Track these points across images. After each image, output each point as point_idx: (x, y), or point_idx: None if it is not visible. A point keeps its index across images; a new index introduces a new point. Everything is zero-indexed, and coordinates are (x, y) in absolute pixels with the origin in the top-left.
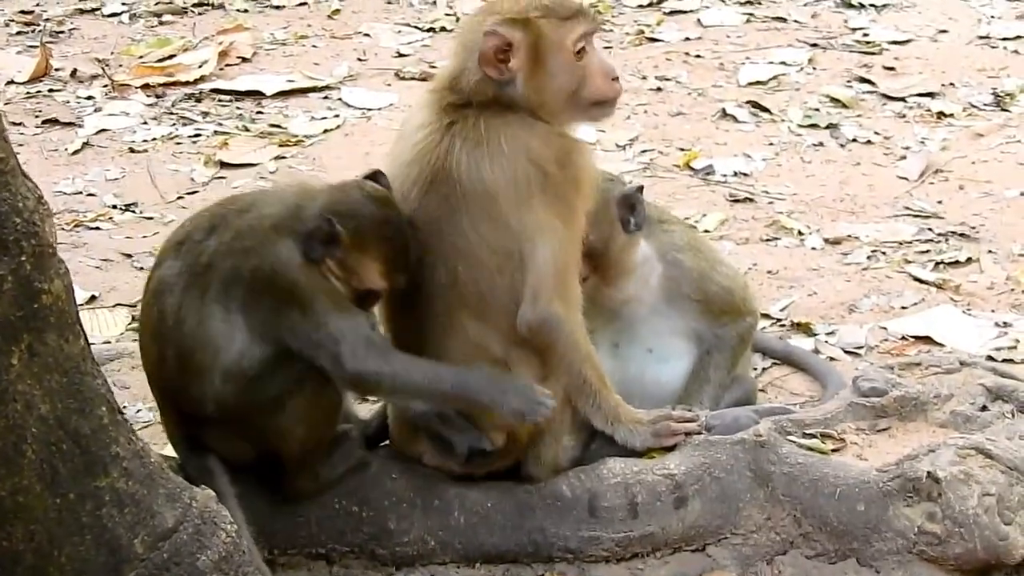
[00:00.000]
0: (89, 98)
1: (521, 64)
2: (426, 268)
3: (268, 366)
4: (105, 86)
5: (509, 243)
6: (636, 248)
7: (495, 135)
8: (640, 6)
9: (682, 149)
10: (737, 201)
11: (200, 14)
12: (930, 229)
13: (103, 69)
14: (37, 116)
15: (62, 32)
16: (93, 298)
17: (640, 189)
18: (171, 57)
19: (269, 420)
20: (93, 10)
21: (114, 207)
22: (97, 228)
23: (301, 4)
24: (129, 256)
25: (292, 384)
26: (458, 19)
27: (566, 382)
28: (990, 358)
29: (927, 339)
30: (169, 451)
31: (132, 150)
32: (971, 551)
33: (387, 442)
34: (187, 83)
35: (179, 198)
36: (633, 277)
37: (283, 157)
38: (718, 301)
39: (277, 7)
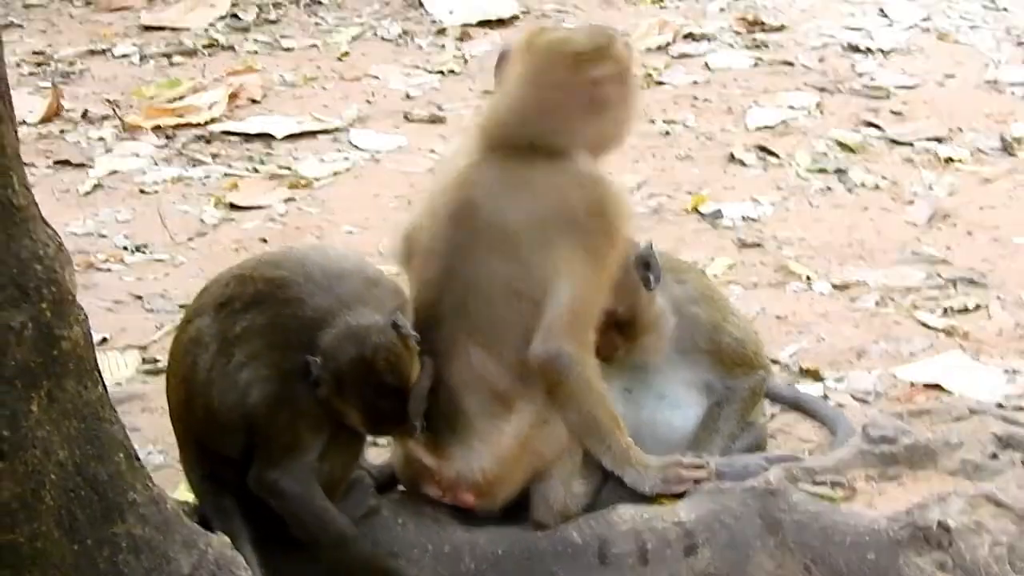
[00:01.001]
0: (100, 139)
1: (617, 105)
2: (442, 291)
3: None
4: (116, 127)
5: (523, 280)
6: (654, 304)
7: (529, 176)
8: (648, 49)
9: (690, 193)
10: (745, 246)
11: (210, 56)
12: (939, 275)
13: (114, 110)
14: (48, 157)
15: (73, 73)
16: (104, 340)
17: (650, 245)
18: (181, 98)
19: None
20: (104, 51)
21: (125, 248)
22: (108, 270)
23: (311, 46)
24: (140, 298)
25: None
26: (466, 61)
27: (576, 421)
28: (1000, 405)
29: (936, 386)
30: (181, 494)
31: (143, 191)
32: None
33: (399, 487)
34: (197, 124)
35: (189, 239)
36: (652, 333)
37: (293, 199)
38: (730, 353)
39: (287, 49)
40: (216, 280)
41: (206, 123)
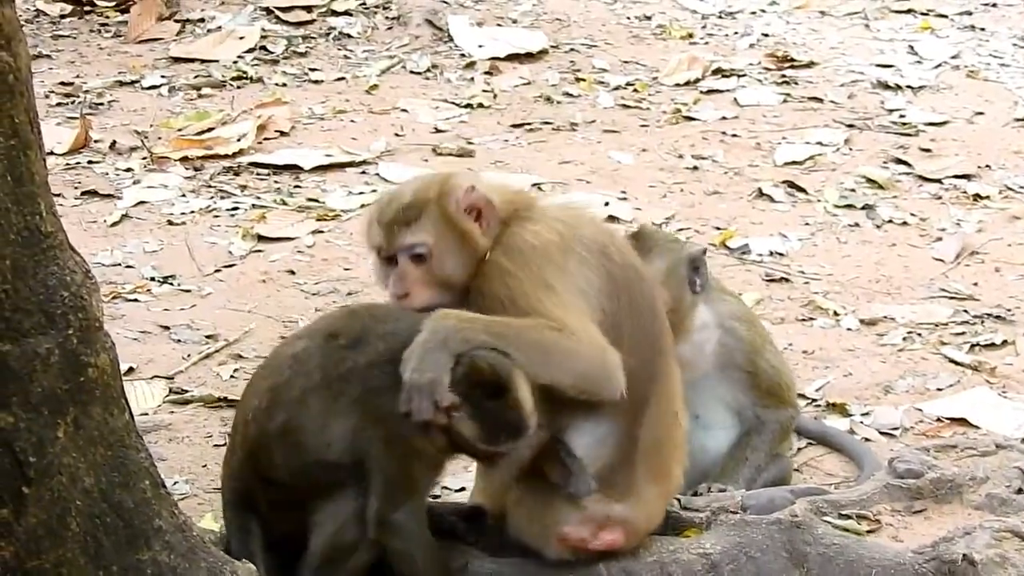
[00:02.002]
0: (128, 170)
1: None
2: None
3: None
4: (144, 158)
5: None
6: (696, 311)
7: None
8: (677, 85)
9: (718, 228)
10: (773, 281)
11: (239, 88)
12: (966, 311)
13: (142, 141)
14: (76, 188)
15: (101, 104)
16: (131, 370)
17: (704, 252)
18: (210, 130)
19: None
20: (132, 82)
21: (152, 279)
22: (135, 300)
23: (339, 79)
24: (167, 328)
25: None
26: (495, 95)
27: None
28: None
29: (962, 421)
30: (207, 523)
31: (170, 222)
32: None
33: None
34: (225, 156)
35: (216, 271)
36: (690, 340)
37: (320, 231)
38: (766, 379)
39: (315, 82)
40: (331, 312)
41: (234, 155)
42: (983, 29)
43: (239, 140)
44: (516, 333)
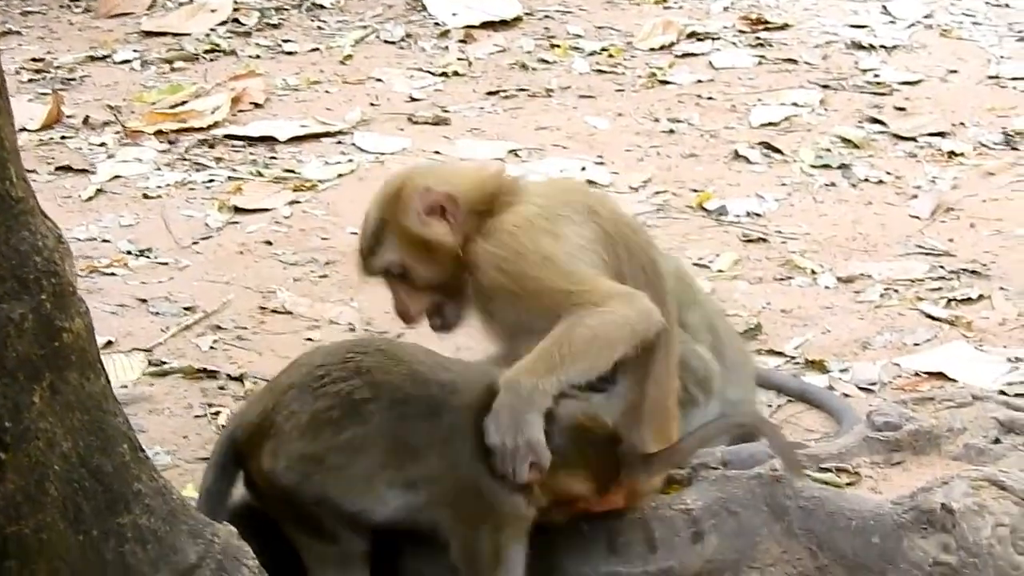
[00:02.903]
0: (102, 145)
1: None
2: None
3: None
4: (118, 133)
5: None
6: None
7: None
8: (652, 49)
9: (695, 190)
10: (750, 241)
11: (212, 60)
12: (942, 267)
13: (115, 116)
14: (50, 163)
15: (73, 79)
16: (109, 343)
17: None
18: (183, 103)
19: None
20: (104, 57)
21: (129, 253)
22: (112, 274)
23: (313, 50)
24: (144, 301)
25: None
26: (470, 63)
27: None
28: (1002, 393)
29: (940, 375)
30: (188, 493)
31: (146, 196)
32: None
33: None
34: (200, 129)
35: (193, 243)
36: None
37: (297, 202)
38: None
39: (289, 53)
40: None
41: (209, 128)
42: None
43: (213, 113)
44: (568, 350)
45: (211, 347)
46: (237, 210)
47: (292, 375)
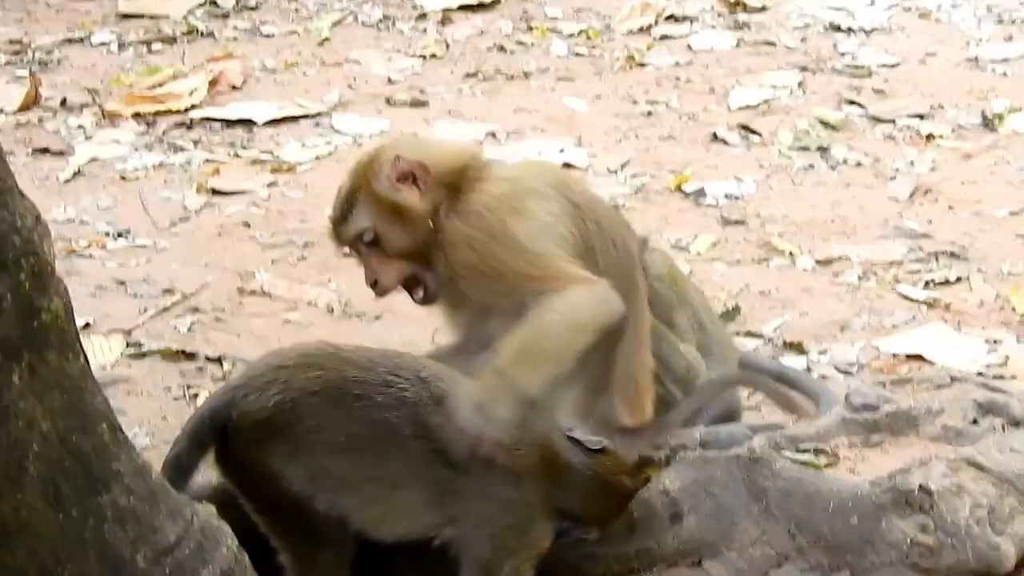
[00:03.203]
0: (79, 127)
1: None
2: None
3: None
4: (95, 115)
5: None
6: None
7: None
8: (630, 31)
9: (673, 172)
10: (728, 223)
11: (189, 42)
12: (920, 249)
13: (93, 98)
14: (27, 145)
15: (51, 61)
16: (87, 325)
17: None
18: (161, 85)
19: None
20: (81, 39)
21: (107, 234)
22: (90, 256)
23: (291, 32)
24: (123, 283)
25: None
26: (448, 46)
27: None
28: (980, 374)
29: (918, 357)
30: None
31: (123, 178)
32: (963, 562)
33: None
34: (178, 111)
35: (171, 225)
36: None
37: (275, 184)
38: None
39: (267, 35)
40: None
41: (186, 110)
42: None
43: (191, 95)
44: (539, 343)
45: (189, 329)
46: (215, 192)
47: (314, 378)
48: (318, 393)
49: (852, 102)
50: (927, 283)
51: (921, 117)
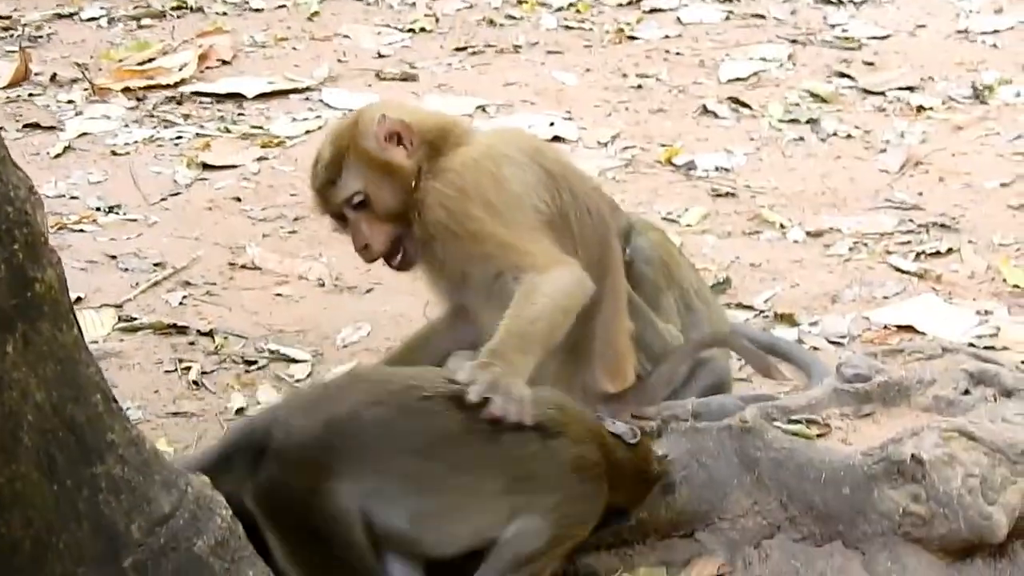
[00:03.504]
0: (70, 102)
1: None
2: None
3: None
4: (85, 90)
5: None
6: None
7: None
8: (619, 4)
9: (663, 145)
10: (719, 196)
11: (179, 17)
12: (911, 220)
13: (83, 73)
14: (18, 120)
15: (40, 37)
16: (79, 299)
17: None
18: (151, 60)
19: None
20: (71, 15)
21: (98, 209)
22: (81, 230)
23: (280, 7)
24: (114, 257)
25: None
26: (437, 19)
27: None
28: (971, 345)
29: (909, 328)
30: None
31: (114, 153)
32: (955, 531)
33: None
34: (168, 86)
35: (162, 200)
36: None
37: (265, 158)
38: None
39: (256, 10)
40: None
41: (176, 84)
42: None
43: (181, 69)
44: (529, 334)
45: (180, 303)
46: (205, 166)
47: (366, 390)
48: (374, 404)
49: (842, 74)
50: (918, 255)
51: (911, 89)
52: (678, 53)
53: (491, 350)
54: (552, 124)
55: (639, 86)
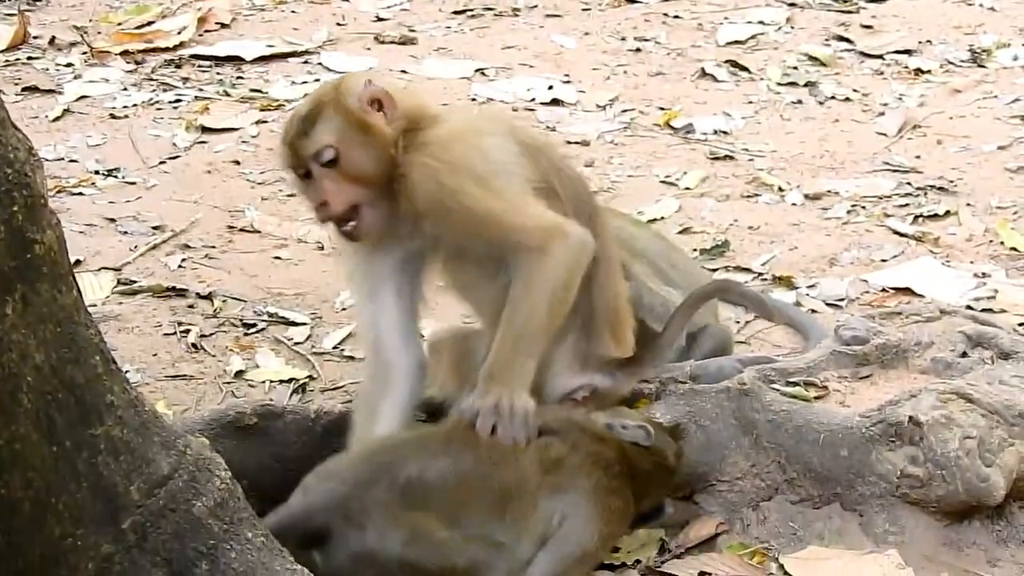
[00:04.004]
0: (68, 65)
1: None
2: None
3: None
4: (84, 53)
5: None
6: None
7: None
8: None
9: (662, 108)
10: (717, 159)
11: None
12: (909, 183)
13: (82, 36)
14: (17, 84)
15: (39, 0)
16: (78, 262)
17: None
18: (150, 23)
19: None
20: None
21: (96, 172)
22: (80, 194)
23: None
24: (113, 221)
25: None
26: None
27: None
28: (969, 307)
29: (907, 290)
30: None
31: (113, 116)
32: (953, 493)
33: None
34: (167, 49)
35: (161, 163)
36: None
37: (264, 121)
38: None
39: None
40: None
41: (175, 47)
42: None
43: (180, 33)
44: (538, 320)
45: (179, 266)
46: (204, 130)
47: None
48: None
49: (840, 38)
50: (916, 217)
51: (909, 52)
52: (676, 16)
53: (488, 374)
54: (551, 87)
55: (638, 49)
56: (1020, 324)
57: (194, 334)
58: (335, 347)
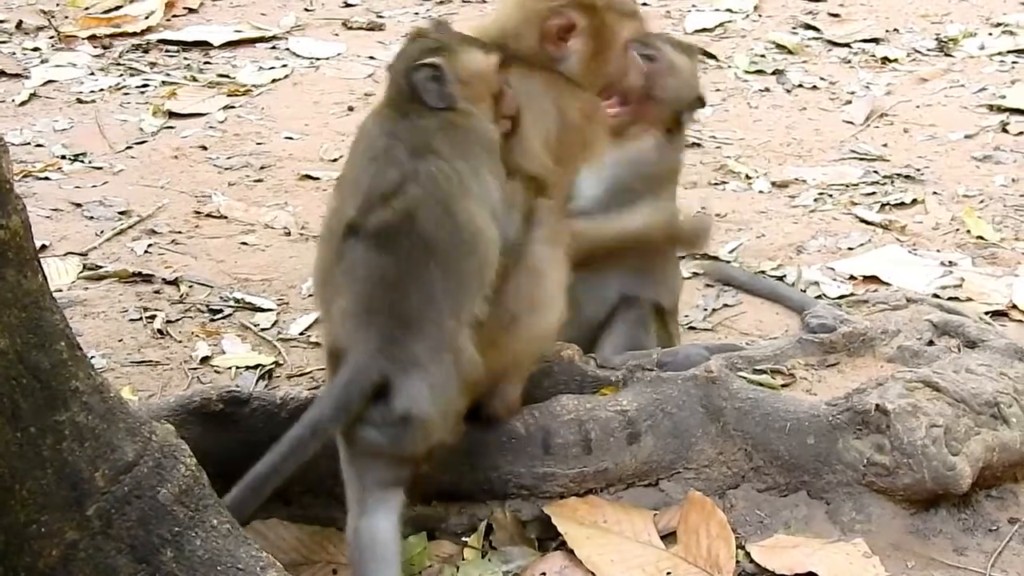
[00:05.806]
0: (35, 49)
1: (578, 46)
2: None
3: None
4: (51, 37)
5: None
6: None
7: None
8: None
9: None
10: (685, 146)
11: None
12: (876, 172)
13: (49, 20)
14: None
15: None
16: (44, 247)
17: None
18: (117, 8)
19: None
20: None
21: (63, 157)
22: (46, 178)
23: None
24: (79, 205)
25: None
26: None
27: None
28: (936, 296)
29: (874, 278)
30: (125, 394)
31: (80, 101)
32: (919, 481)
33: None
34: (134, 34)
35: (128, 148)
36: None
37: (232, 107)
38: None
39: None
40: None
41: (143, 32)
42: None
43: (147, 18)
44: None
45: (146, 251)
46: (171, 115)
47: None
48: None
49: (808, 26)
50: (883, 206)
51: (876, 41)
52: (645, 3)
53: None
54: None
55: None
56: (986, 312)
57: (160, 320)
58: (301, 333)
